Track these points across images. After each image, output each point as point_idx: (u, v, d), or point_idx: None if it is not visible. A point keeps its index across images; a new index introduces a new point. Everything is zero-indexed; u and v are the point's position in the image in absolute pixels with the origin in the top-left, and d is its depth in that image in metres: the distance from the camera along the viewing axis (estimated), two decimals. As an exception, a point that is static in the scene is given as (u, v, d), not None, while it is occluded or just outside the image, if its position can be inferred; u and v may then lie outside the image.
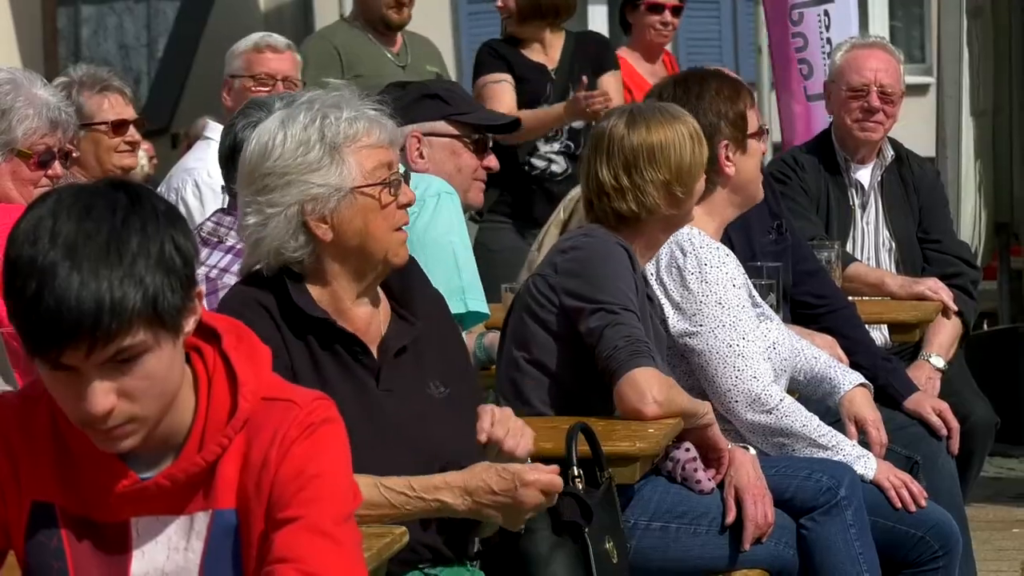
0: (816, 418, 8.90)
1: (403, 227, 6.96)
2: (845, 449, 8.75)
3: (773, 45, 16.29)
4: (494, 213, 12.36)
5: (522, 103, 13.62)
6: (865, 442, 9.11)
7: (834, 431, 8.77)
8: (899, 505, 8.50)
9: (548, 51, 14.38)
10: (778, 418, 8.44)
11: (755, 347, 8.42)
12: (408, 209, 7.51)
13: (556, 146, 13.74)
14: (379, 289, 6.94)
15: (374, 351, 6.68)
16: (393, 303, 6.95)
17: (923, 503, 8.58)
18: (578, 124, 14.12)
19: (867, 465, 8.57)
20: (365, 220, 6.81)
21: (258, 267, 6.99)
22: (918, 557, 8.62)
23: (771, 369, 8.53)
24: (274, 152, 6.94)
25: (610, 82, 14.21)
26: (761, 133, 8.94)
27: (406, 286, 7.02)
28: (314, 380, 6.27)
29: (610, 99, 13.12)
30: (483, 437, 6.19)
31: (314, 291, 6.76)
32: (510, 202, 11.73)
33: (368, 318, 6.79)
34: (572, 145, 13.70)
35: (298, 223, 6.78)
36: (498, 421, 6.19)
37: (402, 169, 7.47)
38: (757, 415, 8.35)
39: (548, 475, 6.00)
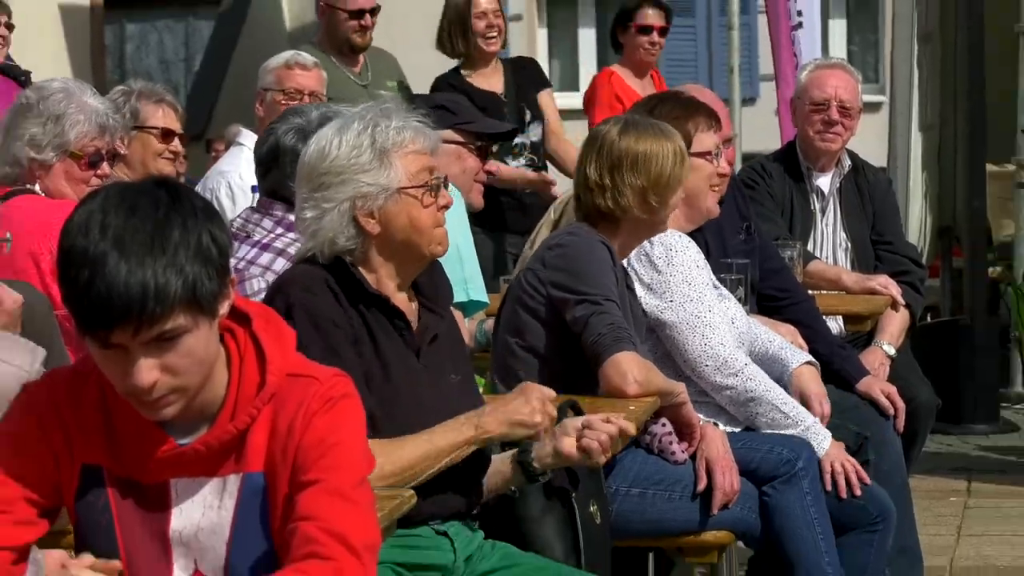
0: (778, 386, 8.83)
1: (442, 224, 6.97)
2: (806, 420, 8.72)
3: (778, 63, 16.37)
4: (479, 219, 11.76)
5: None
6: None
7: (795, 401, 8.79)
8: (829, 488, 8.56)
9: (492, 79, 14.62)
10: (743, 381, 8.50)
11: (719, 318, 8.51)
12: None
13: (522, 161, 13.92)
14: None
15: (415, 333, 6.77)
16: (421, 298, 6.99)
17: (857, 492, 8.64)
18: (535, 137, 14.49)
19: (820, 444, 8.57)
20: (409, 217, 6.85)
21: (311, 255, 7.03)
22: (859, 522, 8.69)
23: (734, 337, 8.62)
24: (331, 154, 7.02)
25: (546, 98, 14.80)
26: (709, 153, 8.94)
27: (433, 283, 7.11)
28: (371, 347, 6.47)
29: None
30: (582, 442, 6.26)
31: (368, 276, 6.77)
32: (484, 213, 11.26)
33: (407, 306, 6.84)
34: (535, 158, 14.07)
35: (349, 217, 6.84)
36: (532, 390, 6.28)
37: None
38: (725, 378, 8.40)
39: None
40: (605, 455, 6.22)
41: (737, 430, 8.58)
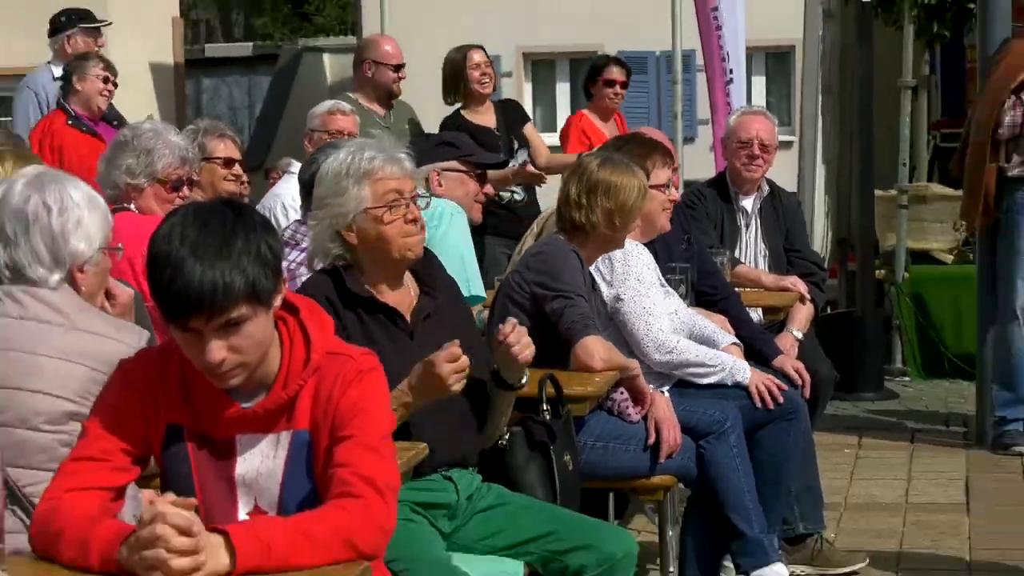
0: (704, 348, 8.97)
1: (412, 234, 6.89)
2: (728, 362, 8.80)
3: (713, 110, 16.23)
4: (477, 231, 11.75)
5: None
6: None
7: (718, 353, 8.98)
8: (759, 404, 8.76)
9: (486, 116, 14.59)
10: (676, 355, 8.57)
11: (660, 310, 8.66)
12: (430, 222, 8.24)
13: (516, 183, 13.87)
14: (409, 275, 7.00)
15: (408, 318, 6.76)
16: (421, 285, 6.99)
17: (780, 399, 8.81)
18: (522, 161, 14.25)
19: (744, 374, 8.76)
20: (376, 230, 6.84)
21: (318, 261, 7.26)
22: (779, 415, 8.81)
23: (671, 325, 8.76)
24: (324, 180, 7.29)
25: (529, 129, 14.86)
26: (663, 185, 9.16)
27: (428, 272, 7.08)
28: (362, 339, 6.20)
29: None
30: (501, 337, 6.41)
31: (359, 278, 6.80)
32: (487, 222, 11.30)
33: (401, 296, 6.87)
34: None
35: (333, 231, 6.98)
36: (517, 330, 6.40)
37: (424, 192, 7.90)
38: (663, 355, 8.53)
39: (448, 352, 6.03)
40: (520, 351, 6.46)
41: (667, 389, 8.67)
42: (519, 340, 6.33)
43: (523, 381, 7.11)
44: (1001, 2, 12.17)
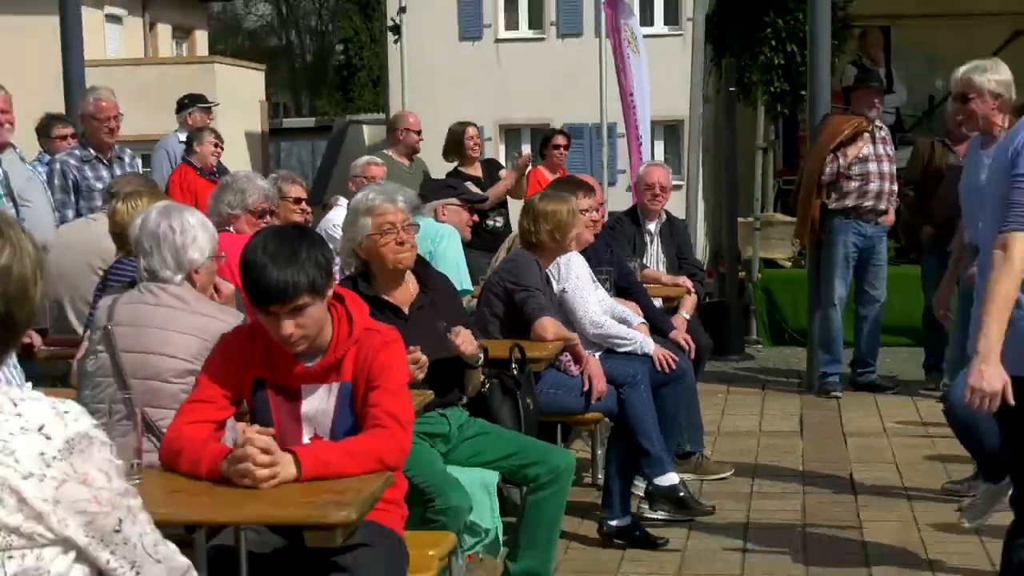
0: (622, 326, 8.94)
1: (402, 252, 6.85)
2: (639, 337, 8.72)
3: (631, 162, 15.99)
4: (467, 246, 11.76)
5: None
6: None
7: (631, 330, 8.91)
8: (659, 368, 8.64)
9: (474, 169, 14.59)
10: (604, 330, 8.56)
11: (592, 298, 8.72)
12: (435, 239, 9.34)
13: (496, 214, 13.84)
14: (412, 276, 6.97)
15: (405, 309, 6.77)
16: (421, 284, 6.98)
17: (674, 366, 8.73)
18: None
19: (649, 347, 8.68)
20: (377, 249, 6.83)
21: (344, 269, 7.29)
22: (672, 378, 8.66)
23: (600, 309, 8.74)
24: (347, 213, 7.45)
25: (506, 173, 14.59)
26: (586, 209, 9.25)
27: (426, 275, 7.09)
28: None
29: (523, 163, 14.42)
30: (452, 338, 6.27)
31: (372, 282, 6.82)
32: (474, 240, 11.31)
33: (403, 291, 6.88)
34: (505, 211, 14.13)
35: (350, 248, 7.07)
36: (461, 335, 6.28)
37: (420, 221, 7.89)
38: (595, 330, 8.54)
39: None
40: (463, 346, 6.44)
41: (598, 354, 8.65)
42: (463, 341, 6.28)
43: (479, 362, 7.08)
44: (822, 91, 12.24)
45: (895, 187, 11.81)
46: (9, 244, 2.90)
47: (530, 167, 15.14)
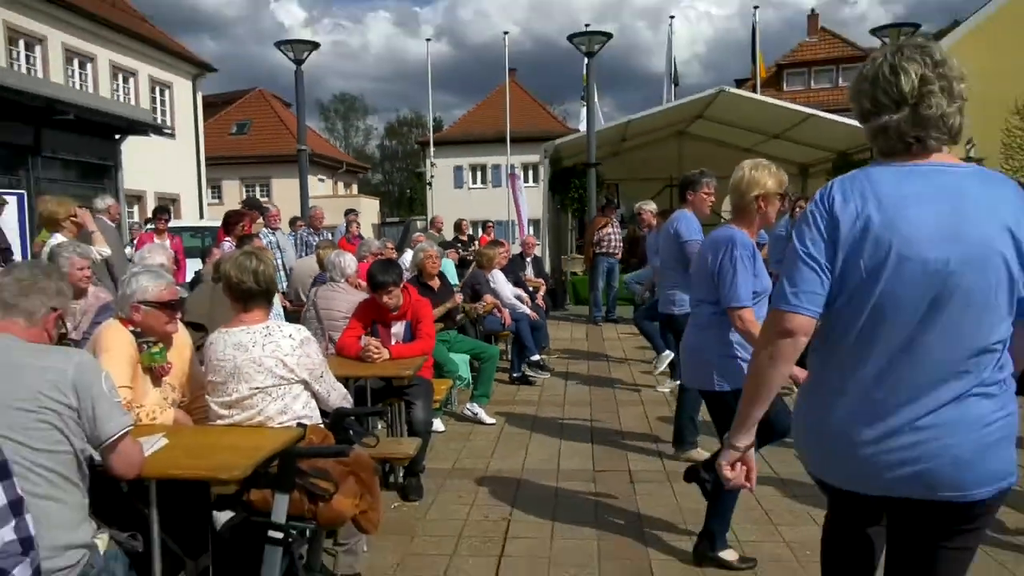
0: (517, 301, 7.95)
1: (434, 267, 6.49)
2: (520, 305, 7.85)
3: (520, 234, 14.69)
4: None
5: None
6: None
7: (520, 303, 7.92)
8: (530, 316, 8.00)
9: (433, 282, 12.02)
10: (511, 301, 7.78)
11: (507, 288, 7.90)
12: (444, 264, 7.34)
13: (468, 252, 11.97)
14: (437, 278, 6.49)
15: (436, 291, 6.38)
16: (441, 281, 6.56)
17: (534, 315, 7.99)
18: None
19: (525, 308, 7.89)
20: (424, 266, 6.45)
21: (408, 273, 6.63)
22: (536, 325, 8.06)
23: (510, 292, 7.95)
24: (414, 255, 6.78)
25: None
26: (501, 251, 8.33)
27: (441, 277, 6.59)
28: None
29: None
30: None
31: (422, 279, 6.40)
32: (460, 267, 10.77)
33: (433, 284, 6.43)
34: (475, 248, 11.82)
35: (414, 265, 6.61)
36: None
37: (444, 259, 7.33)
38: (508, 300, 7.71)
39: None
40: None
41: (506, 310, 7.87)
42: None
43: (461, 312, 6.73)
44: (592, 208, 12.26)
45: (620, 244, 11.39)
46: None
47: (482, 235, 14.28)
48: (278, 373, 2.92)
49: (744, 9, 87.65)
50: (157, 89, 21.96)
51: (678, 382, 6.83)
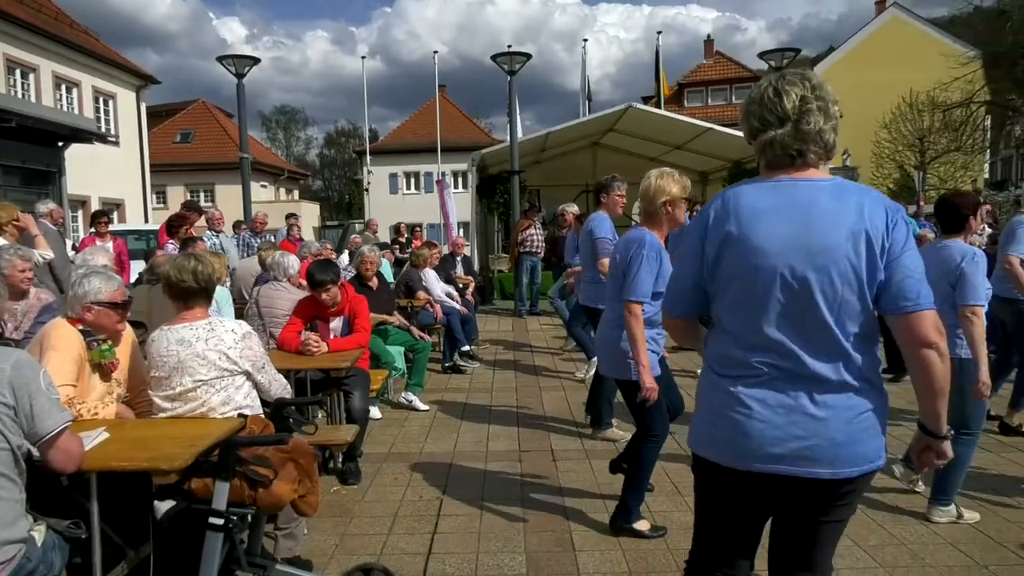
0: (447, 297, 7.80)
1: (371, 268, 6.41)
2: (450, 301, 7.74)
3: (449, 239, 14.54)
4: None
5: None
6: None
7: (450, 300, 7.81)
8: (460, 310, 8.09)
9: (373, 282, 11.71)
10: (442, 297, 7.70)
11: (439, 286, 7.79)
12: (382, 264, 6.86)
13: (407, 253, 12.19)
14: (376, 277, 6.38)
15: (375, 289, 6.29)
16: (379, 280, 6.48)
17: (464, 310, 7.94)
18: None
19: (455, 303, 7.82)
20: (362, 267, 6.37)
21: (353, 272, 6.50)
22: (464, 317, 8.13)
23: (441, 289, 7.83)
24: (354, 257, 6.58)
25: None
26: (433, 252, 8.21)
27: (379, 276, 6.48)
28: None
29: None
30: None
31: (361, 279, 6.30)
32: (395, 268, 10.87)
33: (371, 283, 6.35)
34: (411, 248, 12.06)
35: (354, 266, 6.45)
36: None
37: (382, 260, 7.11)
38: (439, 296, 7.63)
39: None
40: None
41: (438, 304, 8.03)
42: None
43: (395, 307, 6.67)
44: (516, 212, 12.18)
45: (542, 244, 11.29)
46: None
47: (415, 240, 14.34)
48: (221, 365, 2.85)
49: (649, 34, 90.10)
50: (101, 99, 21.20)
51: (595, 369, 6.93)
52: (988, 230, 9.59)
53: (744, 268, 1.65)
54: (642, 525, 3.44)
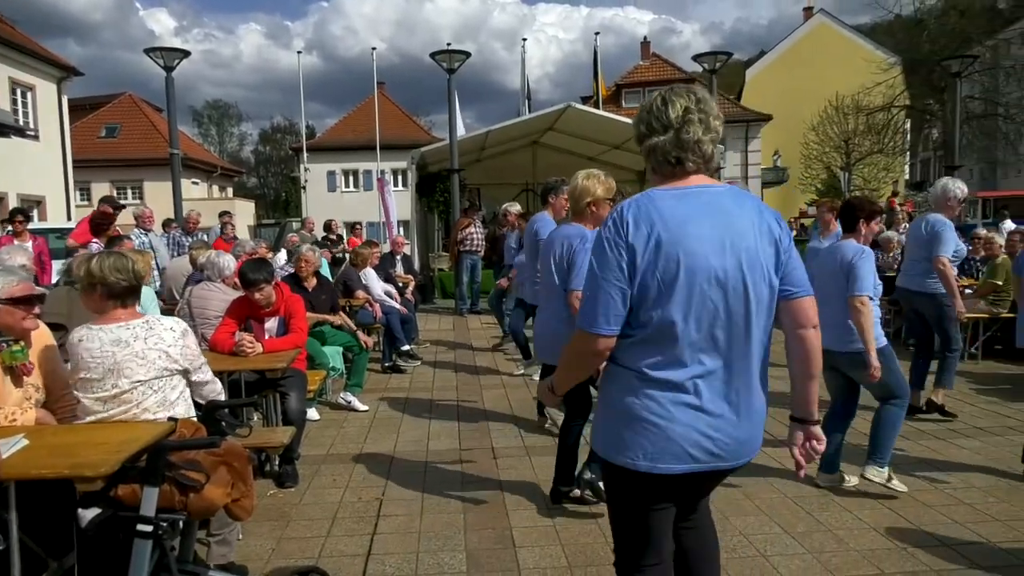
0: (387, 296, 7.75)
1: (309, 267, 6.36)
2: (389, 300, 7.64)
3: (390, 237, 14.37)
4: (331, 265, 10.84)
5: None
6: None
7: (390, 299, 7.79)
8: (399, 310, 7.92)
9: (310, 282, 11.40)
10: (381, 296, 7.62)
11: (378, 284, 7.72)
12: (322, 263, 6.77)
13: (340, 252, 12.02)
14: (314, 278, 6.33)
15: (311, 289, 6.23)
16: (317, 280, 6.35)
17: (404, 310, 7.96)
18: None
19: (396, 303, 7.74)
20: (299, 266, 6.30)
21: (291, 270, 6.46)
22: (404, 317, 8.32)
23: (380, 288, 7.76)
24: (295, 255, 6.53)
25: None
26: (374, 251, 8.20)
27: (318, 275, 6.38)
28: (296, 291, 5.29)
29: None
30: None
31: (299, 278, 6.24)
32: (333, 266, 10.76)
33: (309, 283, 6.28)
34: (345, 248, 12.17)
35: (294, 264, 6.33)
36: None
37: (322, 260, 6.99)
38: (379, 296, 7.56)
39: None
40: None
41: (377, 304, 8.03)
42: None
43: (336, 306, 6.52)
44: (456, 210, 12.24)
45: (483, 243, 11.27)
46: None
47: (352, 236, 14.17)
48: (161, 365, 2.78)
49: (587, 35, 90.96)
50: (18, 91, 20.12)
51: (533, 366, 6.90)
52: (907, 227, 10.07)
53: (679, 271, 1.67)
54: (576, 492, 3.66)
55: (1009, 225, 10.67)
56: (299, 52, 27.81)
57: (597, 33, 21.77)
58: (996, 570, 3.02)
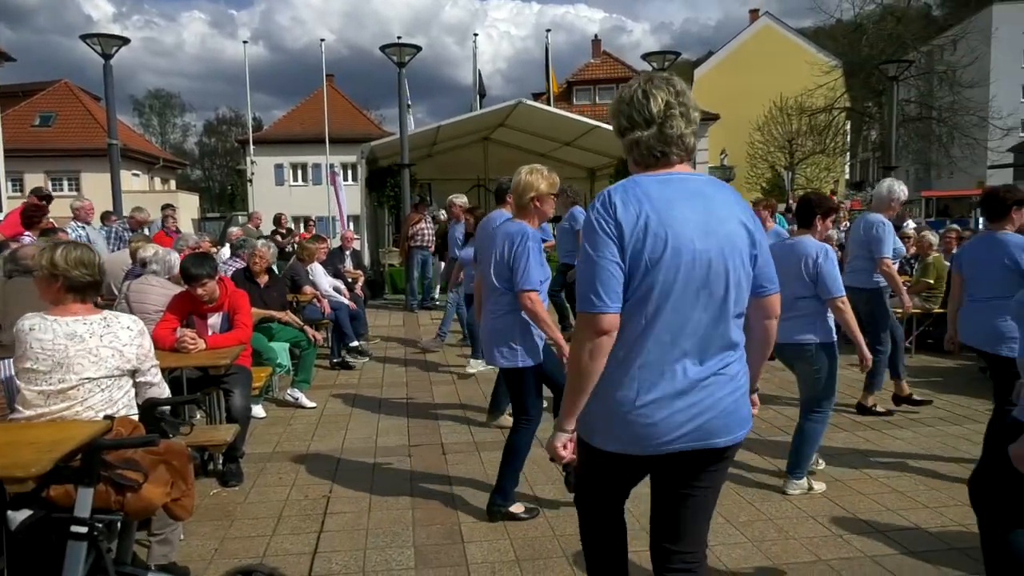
0: (335, 292, 7.69)
1: (262, 263, 6.26)
2: (337, 296, 7.60)
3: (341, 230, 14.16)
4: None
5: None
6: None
7: (338, 294, 7.74)
8: (349, 305, 7.96)
9: (262, 278, 11.59)
10: (329, 292, 7.57)
11: (326, 280, 7.62)
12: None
13: (289, 243, 12.10)
14: (265, 273, 6.21)
15: (262, 285, 6.12)
16: (269, 276, 6.31)
17: (353, 305, 7.92)
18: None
19: (343, 298, 7.75)
20: (252, 262, 6.21)
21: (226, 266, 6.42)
22: (354, 313, 8.10)
23: (328, 284, 7.85)
24: (247, 247, 6.54)
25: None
26: (321, 245, 8.07)
27: (269, 271, 6.29)
28: (243, 285, 5.12)
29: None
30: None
31: (251, 273, 6.17)
32: (280, 261, 10.71)
33: (261, 278, 6.18)
34: (295, 240, 12.27)
35: (248, 259, 6.35)
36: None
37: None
38: (327, 292, 7.45)
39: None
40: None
41: (326, 299, 8.02)
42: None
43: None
44: (407, 204, 12.16)
45: (433, 238, 11.15)
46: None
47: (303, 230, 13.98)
48: (113, 364, 2.71)
49: (538, 32, 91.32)
50: (-56, 76, 19.17)
51: (481, 361, 6.84)
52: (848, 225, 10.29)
53: (666, 250, 1.69)
54: (516, 508, 3.56)
55: (911, 224, 11.02)
56: (245, 42, 27.49)
57: (548, 30, 21.81)
58: (926, 554, 3.13)
